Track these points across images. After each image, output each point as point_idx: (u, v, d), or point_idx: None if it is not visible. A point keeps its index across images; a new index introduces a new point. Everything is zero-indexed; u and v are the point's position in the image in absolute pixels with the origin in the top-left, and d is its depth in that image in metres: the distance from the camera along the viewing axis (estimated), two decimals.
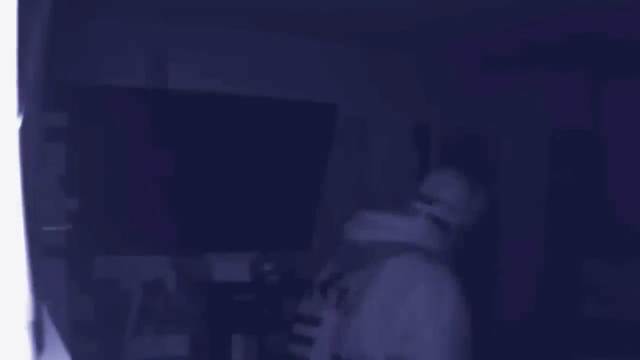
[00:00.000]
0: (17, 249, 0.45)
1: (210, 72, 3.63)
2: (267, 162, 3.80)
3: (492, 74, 4.04)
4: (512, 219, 4.17)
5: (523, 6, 3.01)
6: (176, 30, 3.54)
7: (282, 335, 3.36)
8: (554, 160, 4.20)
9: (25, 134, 0.45)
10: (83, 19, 3.07)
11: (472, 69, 4.09)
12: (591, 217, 3.87)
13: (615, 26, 3.06)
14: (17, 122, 0.45)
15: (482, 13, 3.18)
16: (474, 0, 3.00)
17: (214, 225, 3.72)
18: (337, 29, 3.66)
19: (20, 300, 0.46)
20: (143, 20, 3.41)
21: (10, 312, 0.45)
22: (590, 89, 3.89)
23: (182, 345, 3.33)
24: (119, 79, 3.34)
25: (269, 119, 3.81)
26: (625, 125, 3.66)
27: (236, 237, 3.77)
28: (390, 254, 1.72)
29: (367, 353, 1.64)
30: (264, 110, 3.80)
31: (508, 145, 4.28)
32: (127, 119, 3.42)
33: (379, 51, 4.05)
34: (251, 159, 3.77)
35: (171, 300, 3.46)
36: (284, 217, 3.88)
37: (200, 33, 3.61)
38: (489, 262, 4.01)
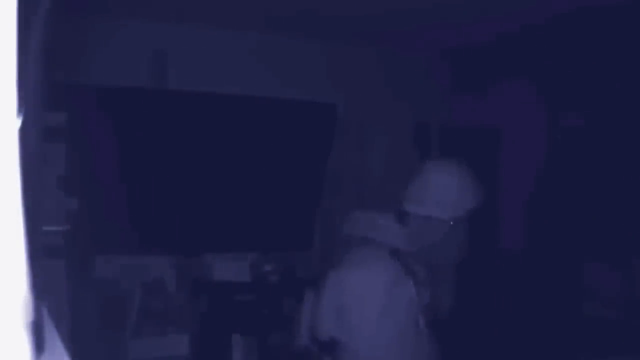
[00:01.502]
0: (17, 249, 0.45)
1: (209, 72, 3.63)
2: (267, 162, 3.80)
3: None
4: (509, 218, 4.18)
5: None
6: (176, 30, 3.54)
7: (282, 335, 3.37)
8: (548, 154, 4.20)
9: (25, 134, 0.45)
10: (83, 19, 3.07)
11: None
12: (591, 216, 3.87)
13: None
14: (17, 122, 0.45)
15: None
16: None
17: (214, 225, 3.72)
18: (337, 29, 3.66)
19: (20, 300, 0.46)
20: (143, 20, 3.41)
21: (10, 312, 0.45)
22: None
23: (182, 345, 3.33)
24: (119, 79, 3.34)
25: (270, 119, 3.81)
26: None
27: (236, 237, 3.77)
28: (357, 247, 1.80)
29: (322, 334, 1.79)
30: (265, 110, 3.80)
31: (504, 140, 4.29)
32: (127, 118, 3.43)
33: (379, 51, 4.05)
34: (251, 159, 3.77)
35: (171, 300, 3.46)
36: (284, 217, 3.88)
37: (200, 33, 3.61)
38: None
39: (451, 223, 1.75)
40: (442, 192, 1.75)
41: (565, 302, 3.88)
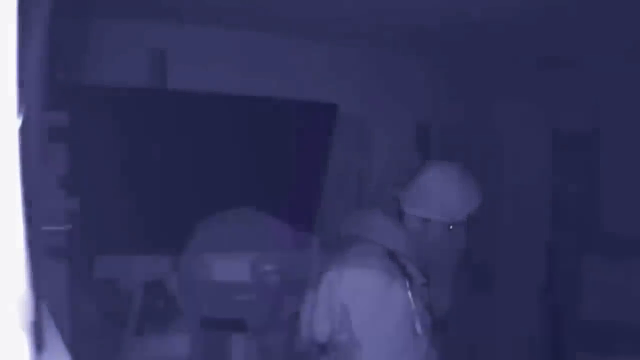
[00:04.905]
0: (17, 249, 0.45)
1: (209, 72, 3.62)
2: (267, 161, 3.80)
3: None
4: (512, 217, 4.18)
5: None
6: (176, 30, 3.54)
7: (282, 335, 3.37)
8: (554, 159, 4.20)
9: (25, 134, 0.45)
10: (83, 19, 3.07)
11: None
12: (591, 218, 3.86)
13: None
14: (17, 122, 0.44)
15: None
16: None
17: (214, 225, 3.71)
18: (337, 30, 3.66)
19: (20, 300, 0.46)
20: (143, 20, 3.40)
21: (10, 312, 0.45)
22: None
23: (182, 345, 3.33)
24: (119, 79, 3.34)
25: (269, 119, 3.81)
26: None
27: (236, 237, 3.75)
28: (355, 248, 1.80)
29: (319, 334, 1.82)
30: (264, 110, 3.79)
31: (507, 144, 4.29)
32: (127, 118, 3.42)
33: (380, 50, 4.05)
34: (251, 158, 3.77)
35: (171, 300, 3.46)
36: (284, 217, 3.87)
37: (200, 33, 3.61)
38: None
39: (450, 226, 1.75)
40: (442, 194, 1.74)
41: (565, 301, 3.88)
